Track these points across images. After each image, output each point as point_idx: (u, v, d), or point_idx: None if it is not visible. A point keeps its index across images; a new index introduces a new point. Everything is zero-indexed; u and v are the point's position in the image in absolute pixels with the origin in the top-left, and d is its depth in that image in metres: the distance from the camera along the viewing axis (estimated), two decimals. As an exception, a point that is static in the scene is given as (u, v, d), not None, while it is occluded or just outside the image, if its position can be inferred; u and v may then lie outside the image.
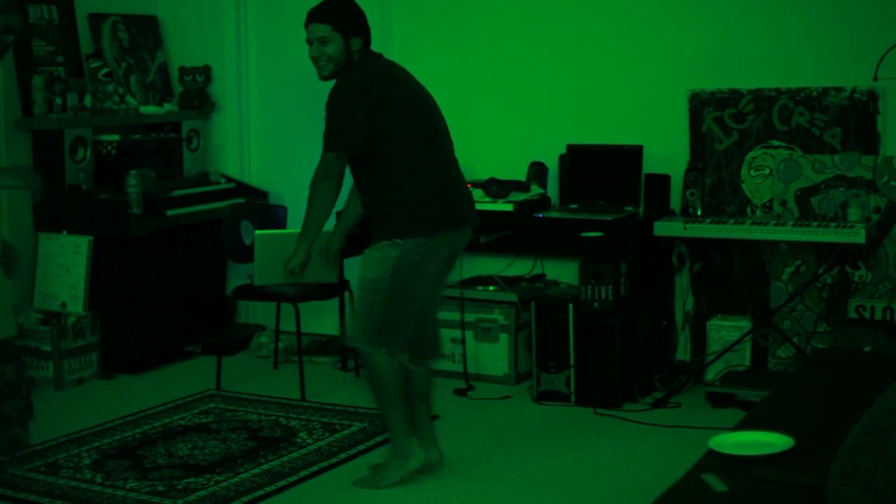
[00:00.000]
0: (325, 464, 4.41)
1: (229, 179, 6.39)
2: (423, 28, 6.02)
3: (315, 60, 4.10)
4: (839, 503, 2.46)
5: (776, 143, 5.28)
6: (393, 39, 6.05)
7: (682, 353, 5.52)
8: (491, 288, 5.53)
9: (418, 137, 4.04)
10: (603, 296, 5.03)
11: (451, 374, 5.46)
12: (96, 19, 6.16)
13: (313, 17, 4.10)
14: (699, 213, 5.24)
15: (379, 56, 4.18)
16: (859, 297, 5.04)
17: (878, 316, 4.93)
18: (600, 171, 5.50)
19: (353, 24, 4.07)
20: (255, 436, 4.76)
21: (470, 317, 5.47)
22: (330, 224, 4.29)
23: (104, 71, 6.05)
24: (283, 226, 5.93)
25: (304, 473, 4.31)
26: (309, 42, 4.11)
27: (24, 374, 4.57)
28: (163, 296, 6.08)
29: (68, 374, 5.53)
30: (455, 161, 4.19)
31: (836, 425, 2.94)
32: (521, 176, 5.65)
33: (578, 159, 5.55)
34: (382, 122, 3.97)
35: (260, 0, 6.45)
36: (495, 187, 5.44)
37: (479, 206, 5.24)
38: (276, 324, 5.89)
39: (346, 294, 5.60)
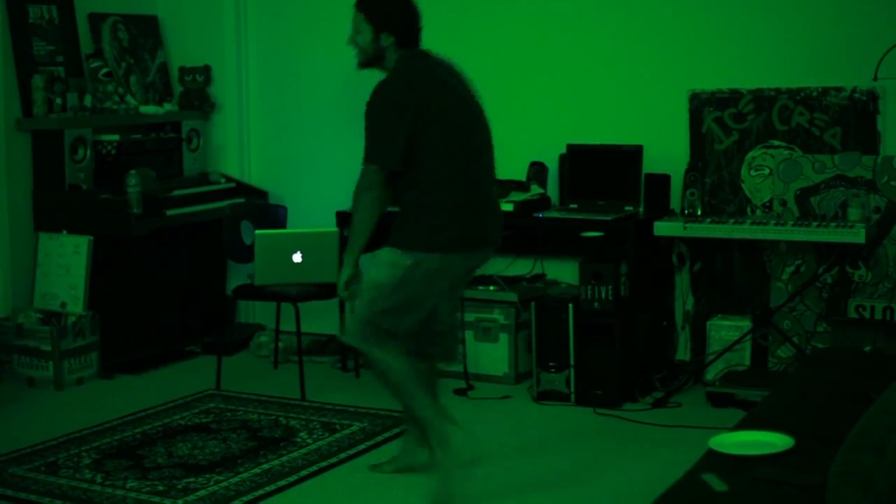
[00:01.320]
0: (325, 464, 4.41)
1: (229, 179, 6.39)
2: (423, 28, 6.00)
3: (351, 44, 4.06)
4: (839, 503, 2.46)
5: (776, 142, 5.28)
6: (393, 39, 6.06)
7: (682, 353, 5.52)
8: (491, 288, 5.53)
9: (448, 152, 3.91)
10: (603, 296, 5.03)
11: (451, 374, 5.46)
12: (96, 19, 6.16)
13: (355, 3, 4.04)
14: (699, 213, 5.24)
15: (424, 57, 4.04)
16: (859, 297, 5.03)
17: (878, 316, 4.93)
18: (600, 171, 5.50)
19: (386, 20, 3.96)
20: (255, 436, 4.76)
21: (470, 317, 5.47)
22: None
23: (104, 71, 6.05)
24: (283, 226, 5.93)
25: (304, 473, 4.31)
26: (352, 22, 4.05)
27: None
28: (163, 296, 6.08)
29: (68, 374, 5.53)
30: (488, 178, 4.06)
31: (836, 425, 2.94)
32: (521, 176, 5.65)
33: (578, 159, 5.55)
34: (416, 133, 3.87)
35: (260, 0, 6.46)
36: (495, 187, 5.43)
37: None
38: (276, 324, 5.89)
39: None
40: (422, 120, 3.87)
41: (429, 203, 3.91)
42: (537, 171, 5.66)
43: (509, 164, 5.70)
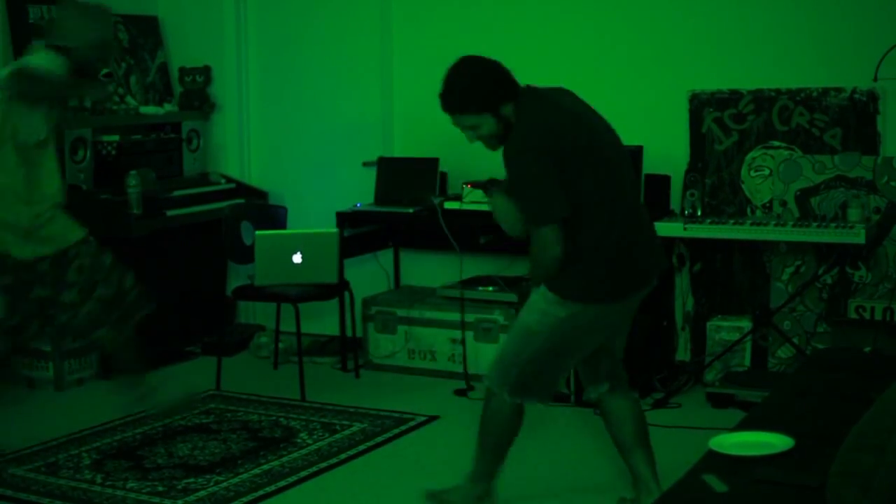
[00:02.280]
0: (325, 464, 4.41)
1: (229, 180, 6.39)
2: (423, 28, 6.01)
3: (478, 140, 3.66)
4: (839, 503, 2.46)
5: (776, 143, 5.28)
6: (393, 39, 6.06)
7: (682, 354, 5.52)
8: (491, 288, 5.53)
9: (599, 189, 3.53)
10: (603, 296, 5.02)
11: (452, 374, 5.47)
12: (96, 19, 6.15)
13: (449, 109, 3.60)
14: (699, 213, 5.24)
15: (543, 97, 3.65)
16: (859, 297, 5.03)
17: (878, 316, 4.93)
18: (600, 171, 5.49)
19: (493, 96, 3.56)
20: (255, 436, 4.76)
21: (470, 317, 5.47)
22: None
23: (104, 71, 6.05)
24: (283, 226, 5.93)
25: (303, 474, 4.31)
26: (457, 125, 3.65)
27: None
28: (162, 296, 6.06)
29: (68, 374, 5.53)
30: (636, 209, 3.70)
31: (836, 425, 2.94)
32: (521, 176, 5.63)
33: (578, 159, 5.54)
34: (564, 176, 3.49)
35: (260, 0, 6.46)
36: (495, 187, 5.43)
37: (479, 207, 5.27)
38: (276, 324, 5.89)
39: (347, 294, 5.60)
40: (564, 158, 3.50)
41: (586, 250, 3.53)
42: (537, 171, 5.65)
43: (509, 164, 5.71)
